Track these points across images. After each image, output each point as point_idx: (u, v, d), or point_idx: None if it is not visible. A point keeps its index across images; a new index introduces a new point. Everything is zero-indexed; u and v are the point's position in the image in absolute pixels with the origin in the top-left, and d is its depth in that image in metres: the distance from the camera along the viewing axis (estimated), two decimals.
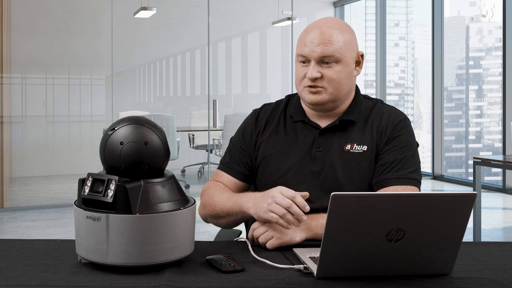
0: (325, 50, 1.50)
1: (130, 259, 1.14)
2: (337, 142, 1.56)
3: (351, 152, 1.54)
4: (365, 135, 1.56)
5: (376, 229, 1.09)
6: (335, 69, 1.51)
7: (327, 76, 1.51)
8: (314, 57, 1.50)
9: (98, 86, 7.33)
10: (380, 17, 8.88)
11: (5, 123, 5.83)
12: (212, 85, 7.47)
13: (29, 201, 5.97)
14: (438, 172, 7.52)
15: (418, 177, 1.54)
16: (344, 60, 1.52)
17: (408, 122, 1.59)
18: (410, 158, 1.54)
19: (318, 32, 1.51)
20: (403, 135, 1.55)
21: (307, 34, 1.54)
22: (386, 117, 1.57)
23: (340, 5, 9.37)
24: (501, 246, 1.43)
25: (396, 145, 1.54)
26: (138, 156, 1.18)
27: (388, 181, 1.50)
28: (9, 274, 1.15)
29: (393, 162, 1.51)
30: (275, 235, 1.37)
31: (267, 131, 1.63)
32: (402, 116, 1.59)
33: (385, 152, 1.53)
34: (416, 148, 1.57)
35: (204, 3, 6.66)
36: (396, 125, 1.56)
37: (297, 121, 1.61)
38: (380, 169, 1.52)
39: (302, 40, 1.54)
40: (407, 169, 1.51)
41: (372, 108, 1.61)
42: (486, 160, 4.03)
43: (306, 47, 1.52)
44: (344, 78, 1.53)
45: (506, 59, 6.42)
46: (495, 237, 4.63)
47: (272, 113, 1.65)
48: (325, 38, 1.50)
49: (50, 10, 6.92)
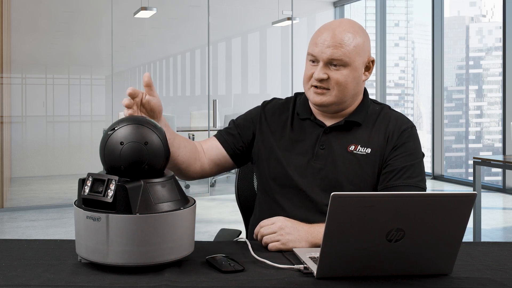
0: (334, 53, 1.50)
1: (130, 259, 1.14)
2: (341, 142, 1.56)
3: (354, 153, 1.54)
4: (370, 138, 1.56)
5: (376, 229, 1.09)
6: (343, 72, 1.51)
7: (333, 79, 1.52)
8: (323, 58, 1.51)
9: (98, 86, 7.33)
10: (380, 17, 8.88)
11: (5, 123, 5.83)
12: (212, 85, 7.47)
13: (29, 201, 5.97)
14: (438, 172, 7.52)
15: (425, 186, 1.55)
16: (353, 65, 1.52)
17: (415, 130, 1.59)
18: (418, 166, 1.54)
19: (331, 34, 1.51)
20: (410, 142, 1.55)
21: (320, 34, 1.54)
22: (393, 122, 1.57)
23: (340, 5, 9.37)
24: (501, 246, 1.43)
25: (404, 151, 1.53)
26: (138, 156, 1.18)
27: (397, 188, 1.50)
28: (9, 274, 1.15)
29: (402, 169, 1.51)
30: (281, 240, 1.36)
31: (272, 125, 1.64)
32: (409, 123, 1.59)
33: (393, 158, 1.53)
34: (422, 157, 1.57)
35: (204, 3, 6.66)
36: (403, 132, 1.55)
37: (303, 118, 1.62)
38: (389, 175, 1.52)
39: (314, 40, 1.55)
40: (416, 177, 1.52)
41: (379, 112, 1.61)
42: (486, 160, 4.03)
43: (316, 47, 1.52)
44: (351, 82, 1.53)
45: (506, 59, 6.42)
46: (495, 237, 4.63)
47: (280, 108, 1.67)
48: (336, 41, 1.50)
49: (50, 10, 6.91)
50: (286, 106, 1.67)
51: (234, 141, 1.65)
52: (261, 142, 1.63)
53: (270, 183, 1.60)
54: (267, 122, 1.65)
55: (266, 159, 1.61)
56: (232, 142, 1.64)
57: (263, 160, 1.62)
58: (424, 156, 1.60)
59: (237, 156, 1.66)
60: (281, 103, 1.68)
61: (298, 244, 1.36)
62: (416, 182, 1.51)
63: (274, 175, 1.59)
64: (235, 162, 1.67)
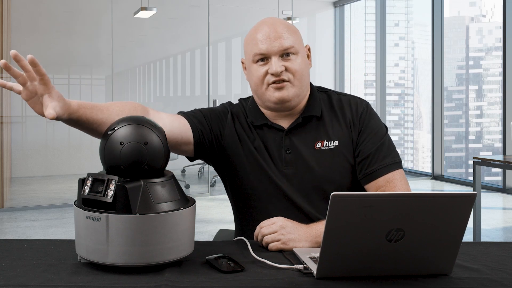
0: (284, 43, 1.48)
1: (130, 259, 1.14)
2: (306, 141, 1.53)
3: (323, 150, 1.52)
4: (333, 130, 1.54)
5: (376, 229, 1.09)
6: (296, 61, 1.50)
7: (290, 68, 1.49)
8: (275, 51, 1.48)
9: (98, 86, 7.33)
10: (380, 17, 8.88)
11: (5, 123, 5.83)
12: (212, 85, 7.47)
13: (29, 201, 5.97)
14: (438, 172, 7.52)
15: (399, 158, 1.54)
16: (301, 52, 1.52)
17: (370, 107, 1.58)
18: (388, 142, 1.53)
19: (271, 28, 1.49)
20: (371, 121, 1.54)
21: (257, 32, 1.51)
22: (348, 108, 1.56)
23: (340, 5, 9.37)
24: (501, 246, 1.43)
25: (369, 133, 1.53)
26: (138, 156, 1.18)
27: (377, 172, 1.49)
28: (9, 274, 1.15)
29: (376, 152, 1.50)
30: (282, 239, 1.36)
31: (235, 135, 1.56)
32: (363, 102, 1.58)
33: (362, 143, 1.52)
34: (386, 130, 1.56)
35: (204, 3, 6.66)
36: (362, 114, 1.55)
37: (259, 125, 1.56)
38: (366, 162, 1.51)
39: (253, 40, 1.51)
40: (390, 155, 1.51)
41: (330, 100, 1.58)
42: (486, 160, 4.03)
43: (262, 44, 1.48)
44: (305, 69, 1.52)
45: (506, 59, 6.42)
46: (495, 237, 4.63)
47: (239, 116, 1.59)
48: (279, 32, 1.49)
49: (50, 10, 6.92)
50: (241, 112, 1.60)
51: (203, 130, 1.53)
52: (231, 150, 1.55)
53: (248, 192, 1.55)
54: (235, 128, 1.57)
55: (234, 175, 1.56)
56: (200, 130, 1.53)
57: (231, 177, 1.57)
58: (388, 129, 1.59)
59: (200, 146, 1.54)
60: (238, 111, 1.60)
61: (298, 244, 1.36)
62: (392, 159, 1.51)
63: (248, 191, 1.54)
64: (195, 152, 1.54)
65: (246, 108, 1.60)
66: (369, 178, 1.50)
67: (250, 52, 1.51)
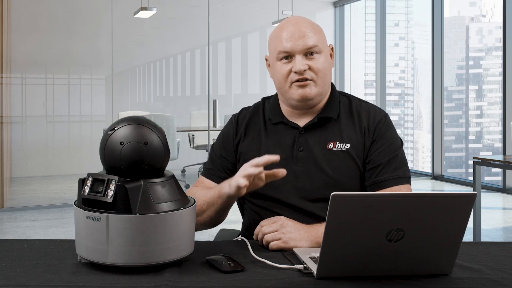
0: (308, 41, 1.50)
1: (130, 259, 1.14)
2: (319, 141, 1.54)
3: (334, 151, 1.53)
4: (347, 132, 1.55)
5: (376, 229, 1.09)
6: (320, 60, 1.52)
7: (314, 67, 1.51)
8: (299, 50, 1.50)
9: (98, 86, 7.33)
10: (380, 17, 8.88)
11: (5, 123, 5.83)
12: (212, 85, 7.47)
13: (29, 201, 5.97)
14: (438, 172, 7.52)
15: (409, 173, 1.55)
16: (324, 51, 1.54)
17: (389, 118, 1.59)
18: (401, 156, 1.54)
19: (295, 27, 1.51)
20: (387, 132, 1.55)
21: (282, 31, 1.53)
22: (366, 115, 1.57)
23: (340, 5, 9.37)
24: (501, 246, 1.43)
25: (384, 143, 1.53)
26: (138, 156, 1.18)
27: (386, 182, 1.50)
28: (9, 274, 1.15)
29: (387, 163, 1.51)
30: (283, 238, 1.36)
31: (249, 136, 1.61)
32: (382, 113, 1.59)
33: (375, 152, 1.53)
34: (401, 145, 1.57)
35: (204, 3, 6.66)
36: (378, 124, 1.55)
37: (276, 123, 1.60)
38: (375, 170, 1.51)
39: (278, 38, 1.53)
40: (401, 168, 1.52)
41: (350, 105, 1.60)
42: (486, 160, 4.03)
43: (287, 42, 1.50)
44: (328, 69, 1.54)
45: (506, 59, 6.42)
46: (495, 237, 4.63)
47: (252, 117, 1.64)
48: (304, 31, 1.51)
49: (50, 10, 6.92)
50: (257, 113, 1.64)
51: (225, 175, 1.60)
52: (241, 158, 1.60)
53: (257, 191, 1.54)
54: (244, 137, 1.61)
55: None
56: (223, 177, 1.59)
57: None
58: (403, 144, 1.59)
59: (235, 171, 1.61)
60: (251, 112, 1.65)
61: (299, 243, 1.36)
62: (402, 172, 1.52)
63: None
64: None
65: (266, 105, 1.65)
66: (376, 186, 1.51)
67: (275, 49, 1.54)
